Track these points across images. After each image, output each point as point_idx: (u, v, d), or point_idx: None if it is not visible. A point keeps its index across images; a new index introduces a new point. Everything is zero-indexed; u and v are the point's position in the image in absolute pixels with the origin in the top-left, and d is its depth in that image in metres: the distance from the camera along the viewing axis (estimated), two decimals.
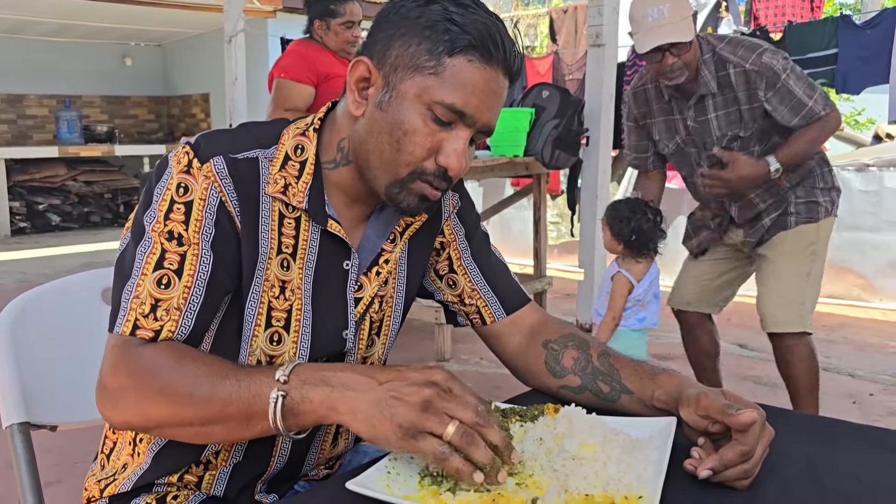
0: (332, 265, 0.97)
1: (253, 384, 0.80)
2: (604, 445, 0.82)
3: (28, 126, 9.35)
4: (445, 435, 0.74)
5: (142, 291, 0.86)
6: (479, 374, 3.58)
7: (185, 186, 0.89)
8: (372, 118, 0.91)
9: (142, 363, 0.84)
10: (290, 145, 0.95)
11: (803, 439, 0.95)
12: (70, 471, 2.30)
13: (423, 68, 0.87)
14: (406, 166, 0.90)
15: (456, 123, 0.89)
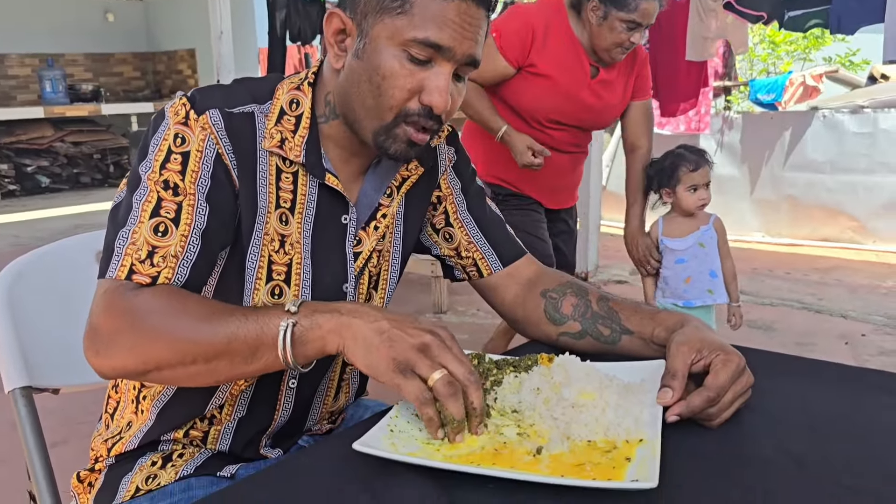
0: (331, 219, 0.97)
1: (261, 317, 0.80)
2: (601, 392, 0.83)
3: (11, 86, 9.18)
4: (430, 380, 0.76)
5: (138, 238, 0.85)
6: (476, 325, 3.61)
7: (183, 137, 0.88)
8: (351, 68, 0.90)
9: (139, 303, 0.83)
10: (284, 100, 0.95)
11: (797, 382, 0.96)
12: (75, 431, 2.32)
13: (391, 9, 0.86)
14: (389, 110, 0.89)
15: (434, 59, 0.88)
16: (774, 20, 4.32)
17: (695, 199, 2.33)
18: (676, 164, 2.34)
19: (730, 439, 0.81)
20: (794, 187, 5.07)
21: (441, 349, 0.78)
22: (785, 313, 3.71)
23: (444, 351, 0.78)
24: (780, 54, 6.00)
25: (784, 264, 4.62)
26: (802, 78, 5.22)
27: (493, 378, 0.88)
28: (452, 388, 0.76)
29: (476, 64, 0.91)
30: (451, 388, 0.76)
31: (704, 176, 2.32)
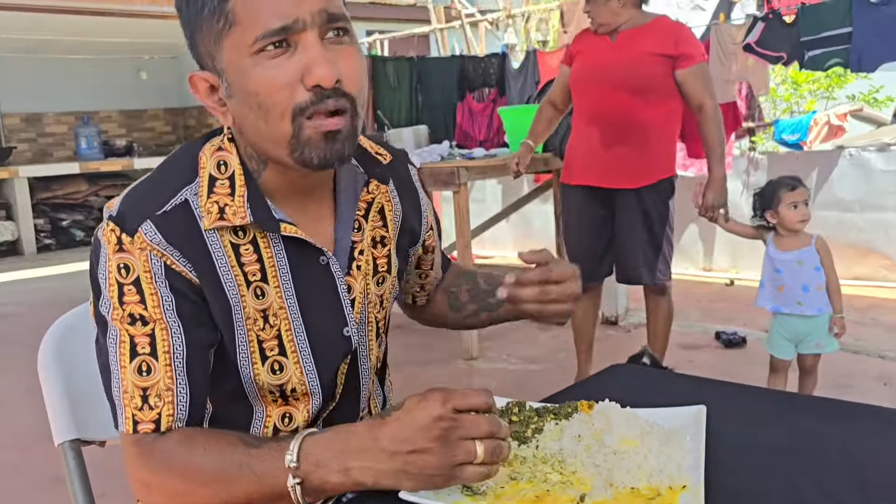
0: (309, 269, 0.92)
1: (268, 474, 0.79)
2: (643, 438, 0.83)
3: (48, 144, 9.49)
4: (476, 458, 0.74)
5: (127, 385, 0.84)
6: (507, 372, 3.59)
7: (126, 265, 0.84)
8: (234, 111, 0.85)
9: (157, 458, 0.84)
10: (211, 165, 0.88)
11: (836, 425, 0.96)
12: (113, 483, 2.34)
13: (221, 31, 0.81)
14: (282, 118, 0.81)
15: (290, 42, 0.80)
16: (794, 61, 4.35)
17: (796, 214, 2.56)
18: (776, 187, 2.59)
19: (771, 483, 0.81)
20: (823, 226, 5.01)
21: (455, 426, 0.74)
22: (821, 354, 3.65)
23: (459, 424, 0.74)
24: (803, 93, 6.01)
25: None
26: (827, 117, 5.22)
27: (534, 426, 0.88)
28: (497, 450, 0.75)
29: (337, 17, 0.82)
30: (498, 451, 0.75)
31: (802, 195, 2.57)
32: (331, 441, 0.79)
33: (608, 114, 2.79)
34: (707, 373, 3.08)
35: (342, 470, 0.77)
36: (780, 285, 2.63)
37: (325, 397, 0.98)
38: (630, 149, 2.76)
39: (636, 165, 2.78)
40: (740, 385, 1.13)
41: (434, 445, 0.73)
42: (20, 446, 2.99)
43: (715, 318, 4.26)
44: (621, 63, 2.73)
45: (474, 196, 6.09)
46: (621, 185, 2.81)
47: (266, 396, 0.95)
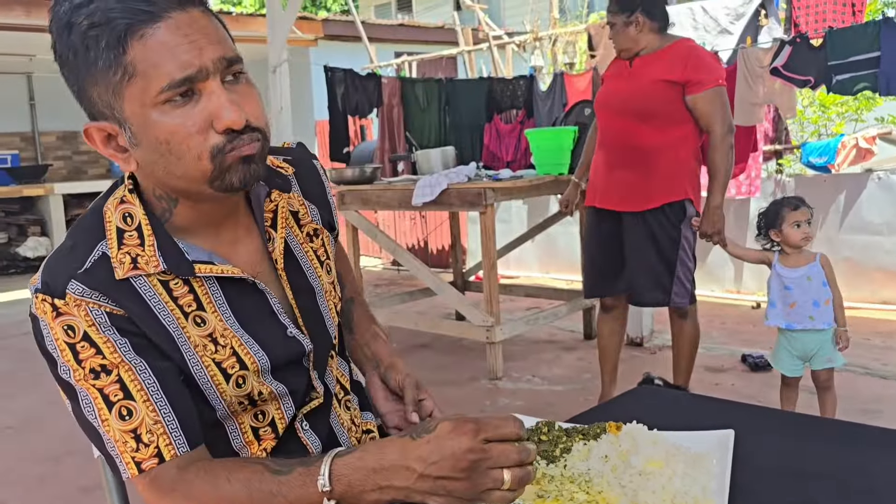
0: (242, 290, 0.94)
1: (303, 500, 0.80)
2: (668, 460, 0.85)
3: (83, 161, 9.71)
4: (504, 485, 0.75)
5: (115, 434, 0.85)
6: (532, 392, 3.59)
7: (70, 326, 0.85)
8: (142, 158, 0.85)
9: (180, 498, 0.85)
10: (116, 218, 0.89)
11: (863, 451, 0.96)
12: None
13: (120, 82, 0.80)
14: (199, 160, 0.83)
15: (195, 90, 0.81)
16: (822, 84, 4.33)
17: (799, 233, 2.66)
18: (779, 206, 2.69)
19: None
20: (851, 249, 4.97)
21: (485, 455, 0.75)
22: (848, 379, 3.60)
23: (489, 453, 0.75)
24: (831, 116, 5.97)
25: None
26: (855, 140, 5.18)
27: (562, 445, 0.90)
28: (525, 477, 0.76)
29: (234, 61, 0.83)
30: (525, 478, 0.76)
31: (805, 214, 2.68)
32: (362, 461, 0.79)
33: (614, 139, 2.88)
34: (733, 396, 3.06)
35: (376, 489, 0.78)
36: (791, 302, 2.67)
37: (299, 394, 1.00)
38: (634, 173, 2.82)
39: (640, 189, 2.83)
40: (766, 408, 1.14)
41: (462, 475, 0.75)
42: (50, 458, 3.05)
43: (741, 341, 4.23)
44: (630, 89, 2.81)
45: (500, 216, 6.12)
46: (626, 208, 2.87)
47: (235, 409, 0.96)
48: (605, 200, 2.93)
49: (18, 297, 6.72)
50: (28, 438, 3.32)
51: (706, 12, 5.38)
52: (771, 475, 0.89)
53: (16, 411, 3.70)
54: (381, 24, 9.92)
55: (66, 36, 0.81)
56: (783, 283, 2.70)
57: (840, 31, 4.28)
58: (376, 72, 6.38)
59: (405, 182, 4.08)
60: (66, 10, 0.80)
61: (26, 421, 3.55)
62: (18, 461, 3.07)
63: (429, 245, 7.10)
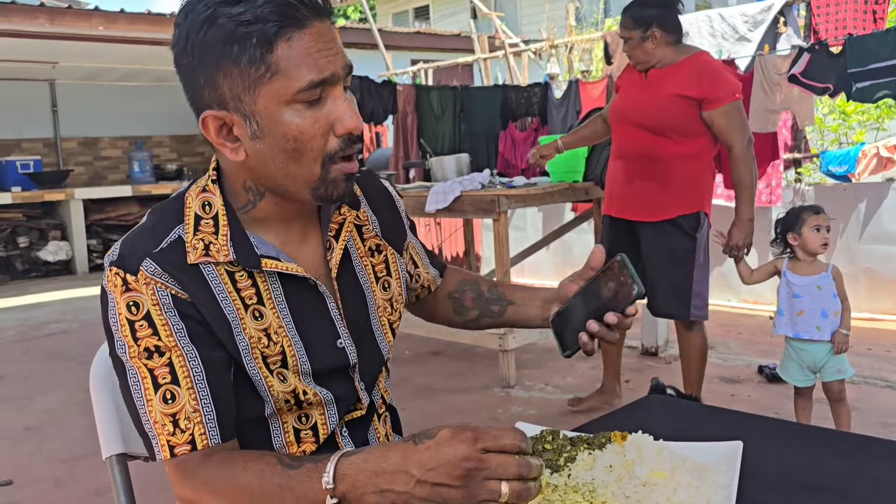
0: (302, 288, 0.98)
1: (308, 495, 0.82)
2: (673, 471, 0.84)
3: (103, 167, 9.82)
4: (501, 498, 0.75)
5: (156, 415, 0.89)
6: (545, 400, 3.57)
7: (135, 303, 0.89)
8: (256, 151, 0.90)
9: (200, 481, 0.89)
10: (196, 206, 0.95)
11: (882, 465, 0.94)
12: (153, 499, 2.39)
13: (260, 78, 0.86)
14: (315, 162, 0.89)
15: (325, 92, 0.88)
16: (841, 92, 4.29)
17: (819, 237, 2.63)
18: (800, 211, 2.67)
19: None
20: (871, 260, 4.91)
21: (482, 465, 0.75)
22: (868, 392, 3.55)
23: (486, 464, 0.75)
24: (852, 124, 5.90)
25: (864, 340, 4.43)
26: (876, 149, 5.12)
27: (566, 454, 0.89)
28: (525, 492, 0.75)
29: (351, 69, 0.91)
30: (525, 493, 0.76)
31: (825, 220, 2.66)
32: (366, 463, 0.81)
33: (632, 149, 2.89)
34: (749, 407, 3.03)
35: (377, 492, 0.79)
36: (800, 310, 2.65)
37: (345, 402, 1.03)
38: (651, 184, 2.84)
39: (656, 200, 2.85)
40: (779, 420, 1.12)
41: (458, 483, 0.75)
42: (67, 460, 3.08)
43: (758, 352, 4.18)
44: (646, 103, 2.82)
45: (514, 224, 6.11)
46: (642, 218, 2.90)
47: (282, 407, 0.99)
48: (621, 210, 2.96)
49: (40, 301, 6.80)
50: (46, 440, 3.35)
51: (724, 20, 5.35)
52: (780, 488, 0.88)
53: (35, 412, 3.73)
54: (397, 31, 9.96)
55: (204, 30, 0.85)
56: (792, 290, 2.68)
57: (860, 39, 4.24)
58: (392, 79, 6.40)
59: (419, 189, 4.09)
60: (208, 6, 0.85)
61: (45, 422, 3.58)
62: (35, 462, 3.10)
63: (443, 252, 7.10)
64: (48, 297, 6.98)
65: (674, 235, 2.84)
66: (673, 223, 2.84)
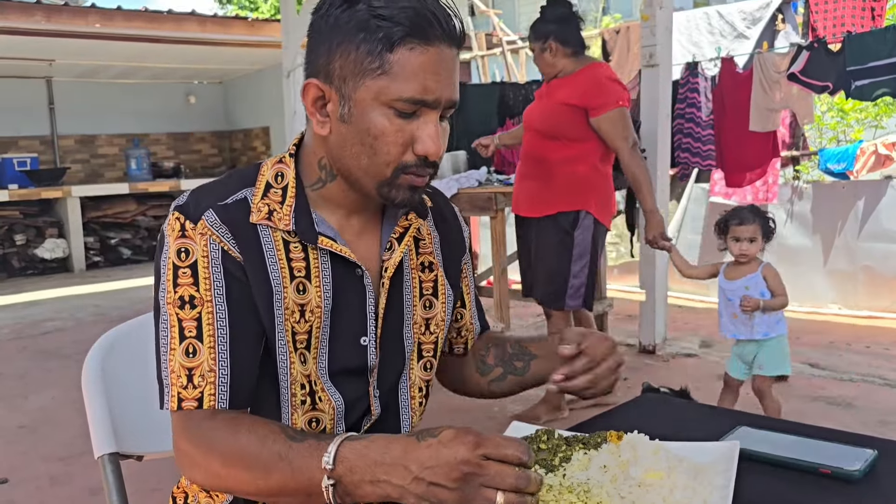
0: (349, 277, 0.99)
1: (305, 470, 0.82)
2: (669, 472, 0.82)
3: (100, 165, 9.81)
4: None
5: (175, 365, 0.91)
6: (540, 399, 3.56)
7: (186, 250, 0.92)
8: (339, 132, 0.92)
9: (202, 438, 0.89)
10: (269, 174, 0.98)
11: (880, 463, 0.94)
12: (147, 498, 2.38)
13: (370, 71, 0.87)
14: (387, 166, 0.91)
15: (420, 111, 0.89)
16: (841, 90, 4.28)
17: (736, 248, 2.75)
18: (728, 217, 2.79)
19: None
20: (870, 258, 4.90)
21: (480, 471, 0.74)
22: (866, 390, 3.55)
23: (484, 470, 0.74)
24: (850, 122, 5.90)
25: (863, 338, 4.43)
26: (874, 146, 5.11)
27: (561, 454, 0.88)
28: (519, 503, 0.74)
29: (454, 107, 0.93)
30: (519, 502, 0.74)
31: (746, 231, 2.73)
32: (367, 450, 0.80)
33: (527, 151, 3.14)
34: (746, 405, 3.02)
35: (374, 481, 0.79)
36: (733, 312, 2.79)
37: (356, 410, 1.02)
38: (537, 183, 3.07)
39: (541, 197, 3.07)
40: (775, 419, 1.12)
41: (454, 486, 0.74)
42: (63, 458, 3.07)
43: None
44: (541, 109, 3.08)
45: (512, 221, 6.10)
46: (529, 214, 3.13)
47: (296, 395, 0.98)
48: (516, 206, 3.22)
49: (37, 298, 6.79)
50: (41, 438, 3.34)
51: (722, 17, 5.34)
52: (777, 487, 0.87)
53: (30, 411, 3.72)
54: None
55: (343, 8, 0.88)
56: (725, 295, 2.81)
57: (859, 36, 4.23)
58: None
59: None
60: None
61: (40, 421, 3.57)
62: (30, 461, 3.08)
63: None
64: (44, 294, 6.97)
65: (553, 230, 3.04)
66: (553, 219, 3.03)
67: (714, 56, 5.04)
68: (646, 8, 3.91)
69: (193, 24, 7.75)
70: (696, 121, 4.84)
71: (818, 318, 4.94)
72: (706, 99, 4.85)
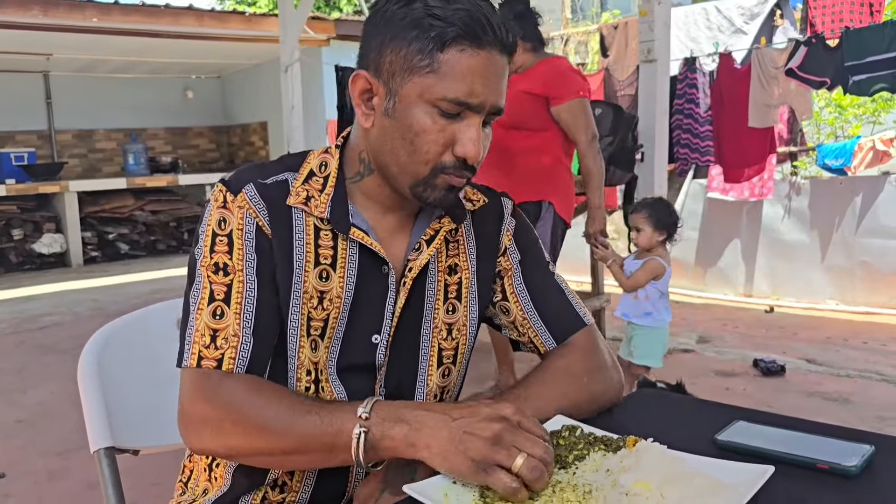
0: (373, 273, 0.99)
1: (335, 420, 0.85)
2: (661, 485, 0.79)
3: (97, 159, 9.79)
4: (514, 467, 0.77)
5: (200, 325, 0.92)
6: None
7: (224, 220, 0.95)
8: (382, 126, 0.93)
9: (221, 395, 0.89)
10: (314, 163, 1.00)
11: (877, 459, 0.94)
12: (145, 492, 2.39)
13: (419, 68, 0.89)
14: (425, 164, 0.92)
15: (464, 113, 0.90)
16: (838, 85, 4.28)
17: (633, 235, 2.98)
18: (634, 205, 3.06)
19: None
20: (867, 253, 4.91)
21: (514, 433, 0.79)
22: (863, 385, 3.56)
23: (518, 434, 0.79)
24: (848, 118, 5.89)
25: (860, 333, 4.44)
26: (872, 142, 5.11)
27: (577, 453, 0.87)
28: (537, 471, 0.77)
29: (500, 114, 0.94)
30: (536, 472, 0.77)
31: (635, 220, 2.96)
32: (401, 404, 0.86)
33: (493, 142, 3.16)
34: (743, 401, 3.03)
35: (403, 424, 0.82)
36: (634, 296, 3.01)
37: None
38: (500, 172, 3.08)
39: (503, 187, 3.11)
40: (773, 414, 1.11)
41: (486, 436, 0.78)
42: (60, 453, 3.07)
43: (753, 345, 4.19)
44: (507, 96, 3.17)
45: None
46: None
47: (301, 380, 0.98)
48: None
49: (34, 293, 6.78)
50: (38, 433, 3.34)
51: (720, 12, 5.34)
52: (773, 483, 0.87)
53: (27, 405, 3.72)
54: None
55: (400, 4, 0.89)
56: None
57: (857, 32, 4.23)
58: None
59: None
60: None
61: (38, 415, 3.57)
62: (28, 455, 3.08)
63: None
64: (42, 289, 6.96)
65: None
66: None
67: (712, 52, 5.03)
68: (644, 3, 3.90)
69: (191, 19, 7.73)
70: (694, 116, 4.84)
71: (815, 313, 4.95)
72: (704, 94, 4.85)
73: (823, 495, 0.84)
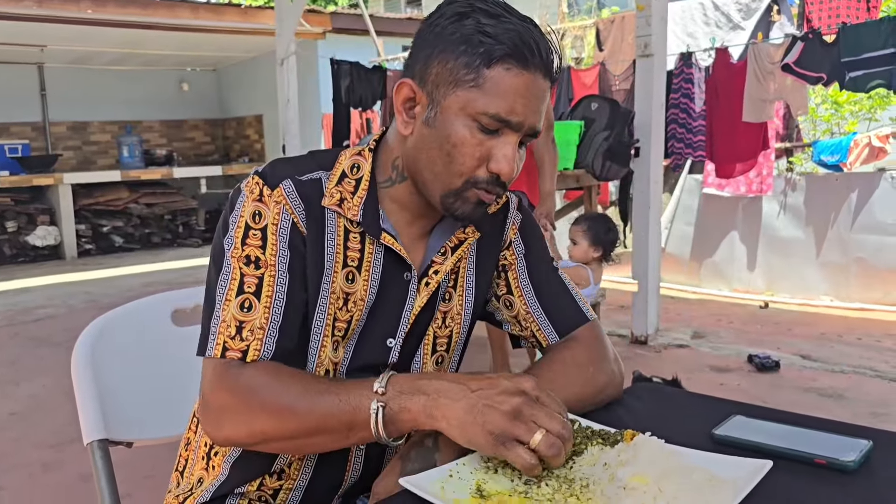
0: (395, 278, 1.00)
1: (353, 397, 0.85)
2: (658, 479, 0.78)
3: (92, 152, 9.74)
4: (532, 442, 0.78)
5: (227, 315, 0.92)
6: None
7: (259, 213, 0.94)
8: (421, 135, 0.94)
9: (242, 382, 0.89)
10: (346, 164, 1.00)
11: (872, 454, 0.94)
12: (139, 485, 2.38)
13: (464, 82, 0.90)
14: (459, 177, 0.93)
15: (502, 130, 0.92)
16: (835, 81, 4.28)
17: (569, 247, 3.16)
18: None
19: None
20: (863, 250, 4.92)
21: (533, 408, 0.80)
22: (858, 381, 3.57)
23: (537, 409, 0.80)
24: (844, 114, 5.90)
25: (855, 329, 4.46)
26: (868, 139, 5.12)
27: (574, 447, 0.86)
28: (555, 447, 0.78)
29: (536, 135, 0.95)
30: (554, 448, 0.78)
31: (573, 233, 3.17)
32: (419, 375, 0.88)
33: None
34: (738, 397, 3.03)
35: (421, 395, 0.83)
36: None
37: None
38: None
39: None
40: (767, 409, 1.11)
41: (506, 410, 0.79)
42: (54, 445, 3.06)
43: (748, 341, 4.19)
44: None
45: None
46: None
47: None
48: None
49: (28, 286, 6.76)
50: (31, 425, 3.33)
51: (717, 8, 5.33)
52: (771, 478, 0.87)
53: (21, 398, 3.71)
54: (389, 17, 9.88)
55: (452, 20, 0.91)
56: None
57: (854, 28, 4.23)
58: (382, 65, 6.36)
59: None
60: (471, 6, 0.91)
61: (31, 408, 3.56)
62: (21, 447, 3.07)
63: None
64: (36, 282, 6.93)
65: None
66: None
67: (708, 47, 5.03)
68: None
69: (186, 11, 7.69)
70: (689, 112, 4.84)
71: (810, 309, 4.96)
72: (699, 89, 4.85)
73: (821, 490, 0.83)
